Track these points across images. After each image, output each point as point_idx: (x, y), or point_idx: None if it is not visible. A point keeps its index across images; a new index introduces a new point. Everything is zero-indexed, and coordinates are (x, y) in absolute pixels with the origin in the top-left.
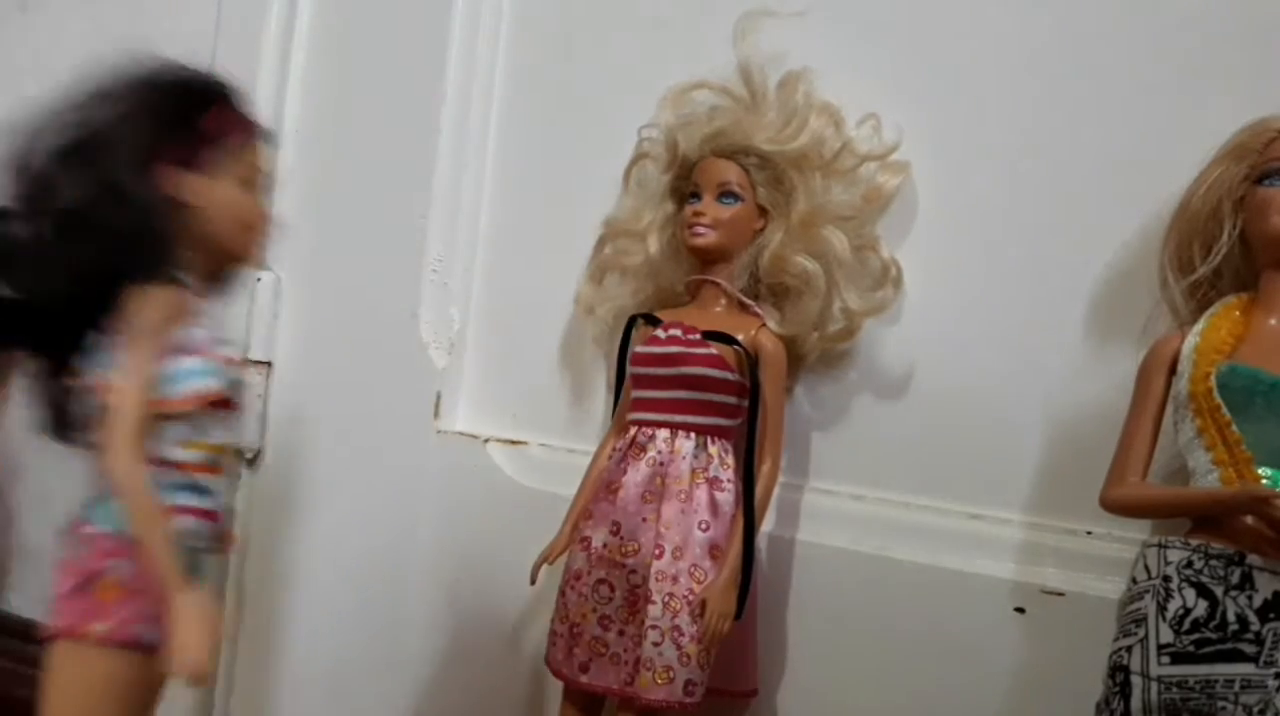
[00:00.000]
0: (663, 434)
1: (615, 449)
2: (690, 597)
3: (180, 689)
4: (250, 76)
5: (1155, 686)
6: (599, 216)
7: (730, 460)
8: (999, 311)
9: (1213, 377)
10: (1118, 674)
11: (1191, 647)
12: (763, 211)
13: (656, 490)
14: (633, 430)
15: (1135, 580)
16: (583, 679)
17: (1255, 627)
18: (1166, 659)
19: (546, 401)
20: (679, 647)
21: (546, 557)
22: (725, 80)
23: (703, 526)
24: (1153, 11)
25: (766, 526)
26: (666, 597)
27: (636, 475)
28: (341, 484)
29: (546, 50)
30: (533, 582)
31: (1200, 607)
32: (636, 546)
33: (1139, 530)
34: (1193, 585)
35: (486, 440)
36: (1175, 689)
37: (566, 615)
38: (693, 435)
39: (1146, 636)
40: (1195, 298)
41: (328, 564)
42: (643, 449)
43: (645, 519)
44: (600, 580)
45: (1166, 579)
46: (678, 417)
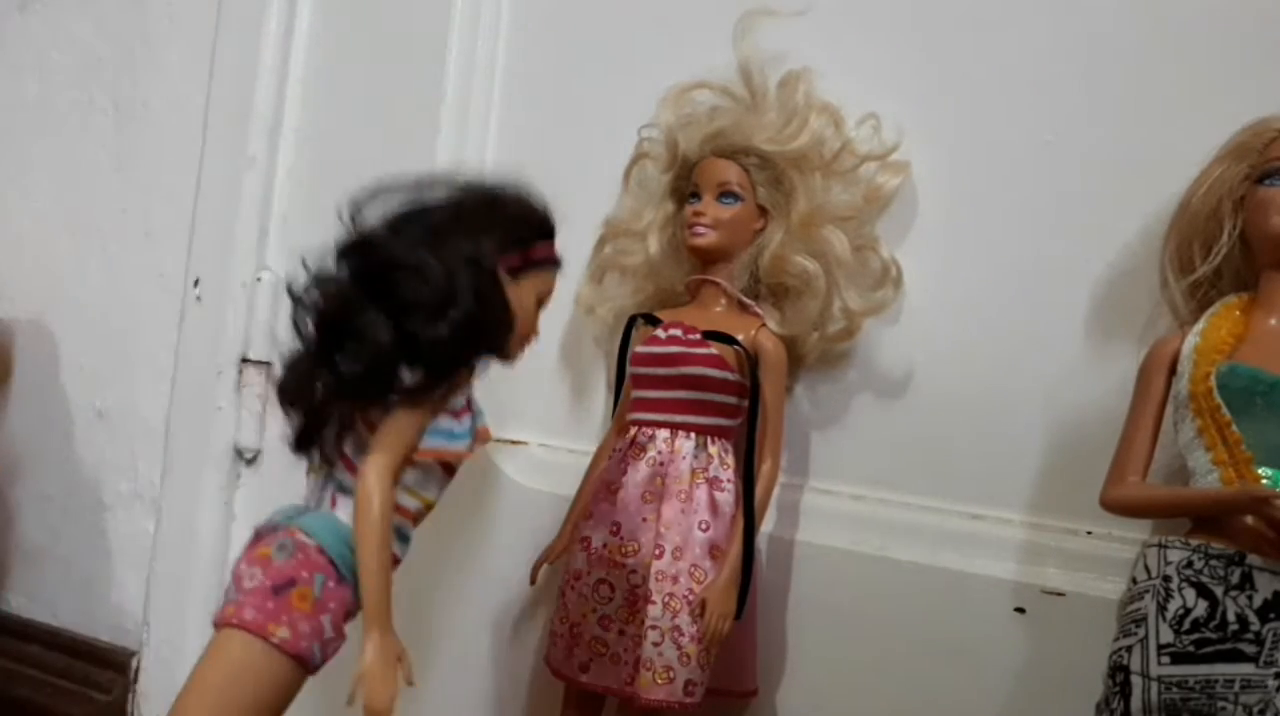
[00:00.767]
0: (663, 434)
1: (615, 449)
2: (690, 597)
3: None
4: (250, 76)
5: (1155, 686)
6: (599, 217)
7: (730, 460)
8: (999, 311)
9: (1213, 378)
10: (1118, 674)
11: (1191, 647)
12: (763, 211)
13: (656, 490)
14: (633, 430)
15: (1135, 580)
16: (583, 679)
17: (1255, 627)
18: (1166, 659)
19: (546, 401)
20: (679, 647)
21: (546, 558)
22: (725, 80)
23: (703, 526)
24: (1153, 11)
25: (766, 526)
26: (666, 597)
27: (636, 475)
28: None
29: (546, 50)
30: (533, 582)
31: (1200, 607)
32: (636, 546)
33: (1139, 530)
34: (1193, 585)
35: None
36: (1175, 689)
37: (566, 615)
38: (693, 435)
39: (1147, 636)
40: (1195, 297)
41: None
42: (643, 449)
43: (645, 519)
44: (600, 580)
45: (1167, 579)
46: (678, 418)
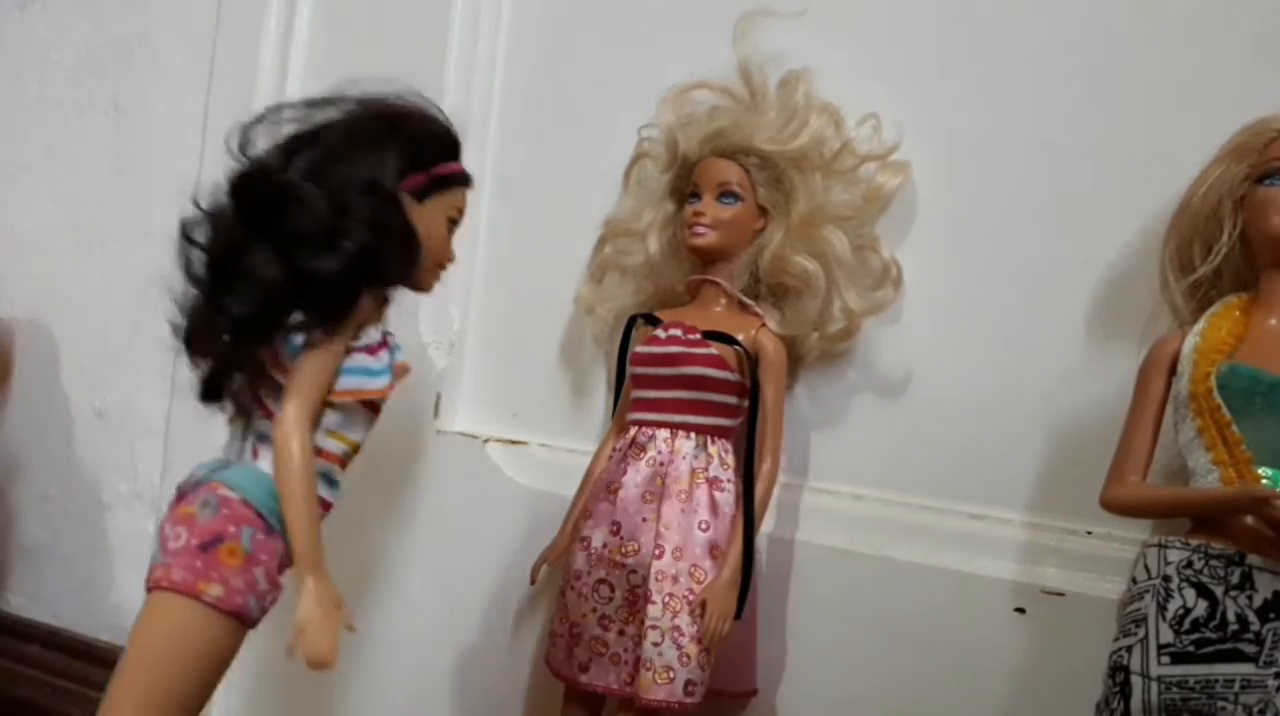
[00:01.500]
0: (663, 434)
1: (615, 449)
2: (690, 597)
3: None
4: (250, 76)
5: (1155, 686)
6: (599, 216)
7: (730, 460)
8: (999, 311)
9: (1213, 378)
10: (1118, 674)
11: (1191, 647)
12: (763, 211)
13: (656, 490)
14: (633, 430)
15: (1135, 580)
16: (583, 679)
17: (1255, 627)
18: (1166, 659)
19: (546, 401)
20: (679, 647)
21: (546, 558)
22: (725, 80)
23: (703, 526)
24: (1153, 12)
25: (766, 526)
26: (666, 598)
27: (636, 475)
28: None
29: (546, 50)
30: (533, 583)
31: (1200, 607)
32: (636, 546)
33: (1139, 530)
34: (1193, 585)
35: (486, 440)
36: (1175, 689)
37: (566, 615)
38: (693, 435)
39: (1147, 636)
40: (1195, 297)
41: (326, 564)
42: (643, 449)
43: (645, 519)
44: (600, 580)
45: (1166, 579)
46: (678, 418)
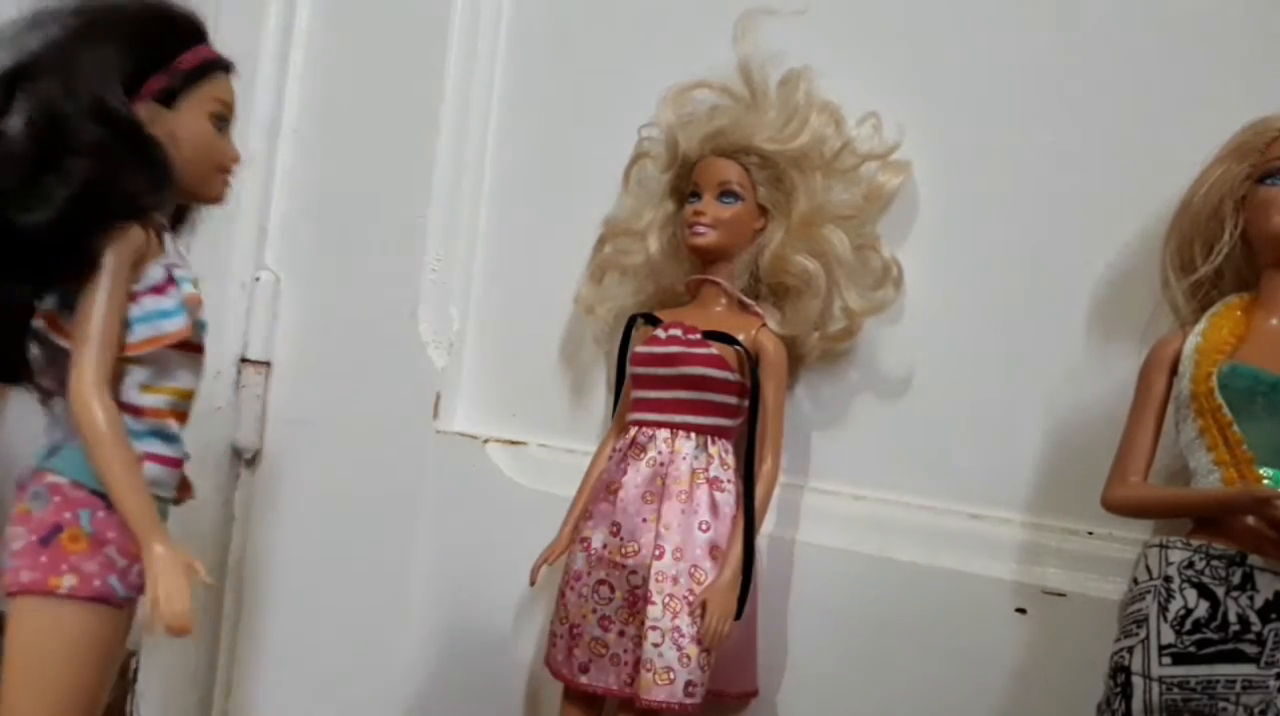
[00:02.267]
0: (663, 434)
1: (615, 449)
2: (690, 598)
3: (167, 664)
4: (250, 76)
5: (1156, 687)
6: (599, 216)
7: (731, 460)
8: (999, 311)
9: (1214, 378)
10: (1119, 674)
11: (1193, 648)
12: (763, 211)
13: (657, 490)
14: (633, 430)
15: (1136, 580)
16: (582, 679)
17: (1256, 628)
18: (1168, 659)
19: (546, 401)
20: (679, 648)
21: (546, 558)
22: (725, 79)
23: (703, 527)
24: (1153, 11)
25: (767, 526)
26: (667, 598)
27: (636, 475)
28: (341, 484)
29: (546, 50)
30: (532, 583)
31: (1201, 608)
32: (636, 547)
33: (1140, 530)
34: (1194, 585)
35: (486, 440)
36: (1176, 689)
37: (566, 616)
38: (693, 435)
39: (1148, 637)
40: (1196, 297)
41: (326, 564)
42: (643, 449)
43: (645, 519)
44: (600, 581)
45: (1168, 579)
46: (678, 418)
